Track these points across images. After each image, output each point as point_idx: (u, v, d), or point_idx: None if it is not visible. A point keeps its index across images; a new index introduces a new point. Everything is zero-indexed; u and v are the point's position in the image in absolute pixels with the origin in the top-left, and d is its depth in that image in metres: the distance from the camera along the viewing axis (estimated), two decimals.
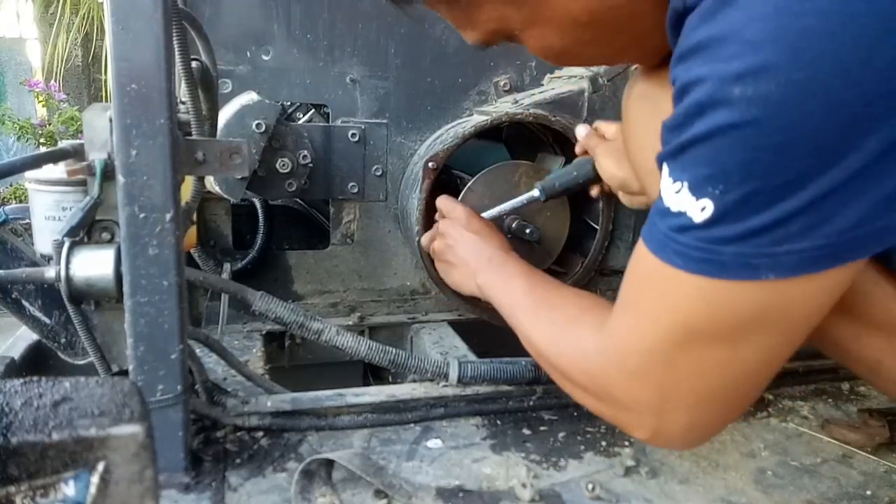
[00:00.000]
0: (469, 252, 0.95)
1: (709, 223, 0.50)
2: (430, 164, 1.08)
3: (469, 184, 1.11)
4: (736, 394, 0.59)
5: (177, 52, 0.69)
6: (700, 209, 0.50)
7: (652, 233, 0.56)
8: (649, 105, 0.73)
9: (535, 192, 1.04)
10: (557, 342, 0.71)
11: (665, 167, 0.53)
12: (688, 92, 0.49)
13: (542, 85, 1.23)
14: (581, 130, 1.03)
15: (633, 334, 0.59)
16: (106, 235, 0.71)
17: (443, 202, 1.05)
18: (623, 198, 0.97)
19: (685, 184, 0.51)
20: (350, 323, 1.22)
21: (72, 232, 0.67)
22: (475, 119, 1.14)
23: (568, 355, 0.69)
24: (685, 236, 0.52)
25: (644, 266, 0.57)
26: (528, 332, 0.77)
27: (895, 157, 0.45)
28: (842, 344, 0.64)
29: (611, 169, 0.95)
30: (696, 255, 0.52)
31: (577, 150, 1.05)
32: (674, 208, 0.52)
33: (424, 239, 1.07)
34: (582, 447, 0.83)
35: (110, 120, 0.63)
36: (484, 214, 1.05)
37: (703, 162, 0.49)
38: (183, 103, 0.76)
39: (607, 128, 1.00)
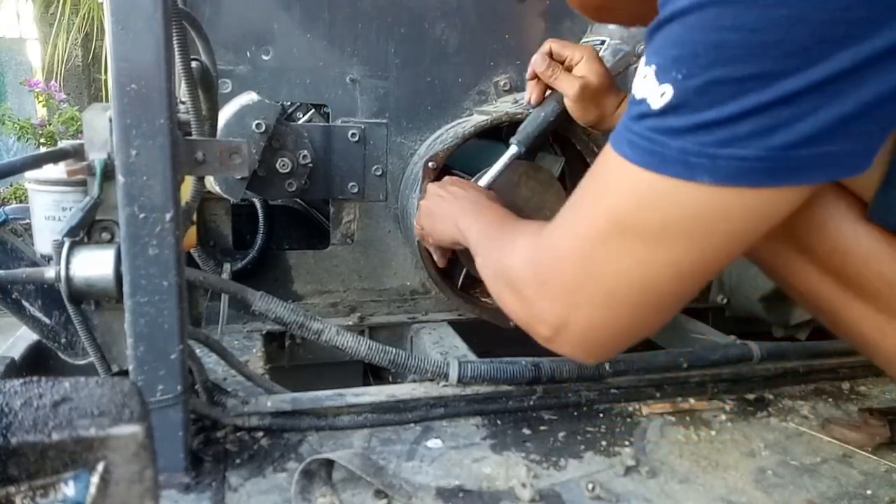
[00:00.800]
0: (451, 202, 0.95)
1: (664, 110, 0.48)
2: (430, 164, 1.08)
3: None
4: (644, 299, 0.56)
5: (177, 52, 0.69)
6: (660, 94, 0.48)
7: (616, 128, 0.54)
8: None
9: (514, 148, 1.04)
10: (500, 259, 0.70)
11: (644, 58, 0.52)
12: None
13: None
14: (538, 61, 1.00)
15: (565, 222, 0.59)
16: (106, 235, 0.71)
17: (430, 185, 1.05)
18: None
19: (653, 67, 0.49)
20: (350, 323, 1.22)
21: (72, 232, 0.67)
22: (475, 119, 1.14)
23: (499, 250, 0.70)
24: (640, 125, 0.50)
25: (600, 159, 0.56)
26: (480, 259, 0.78)
27: (859, 78, 0.44)
28: (848, 325, 0.62)
29: (575, 95, 0.96)
30: (643, 144, 0.50)
31: (530, 74, 1.03)
32: (638, 95, 0.51)
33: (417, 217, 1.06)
34: (582, 447, 0.83)
35: (110, 120, 0.63)
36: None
37: (674, 41, 0.47)
38: (183, 103, 0.76)
39: (566, 51, 0.99)
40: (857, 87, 0.44)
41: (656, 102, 0.48)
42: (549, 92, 1.03)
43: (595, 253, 0.55)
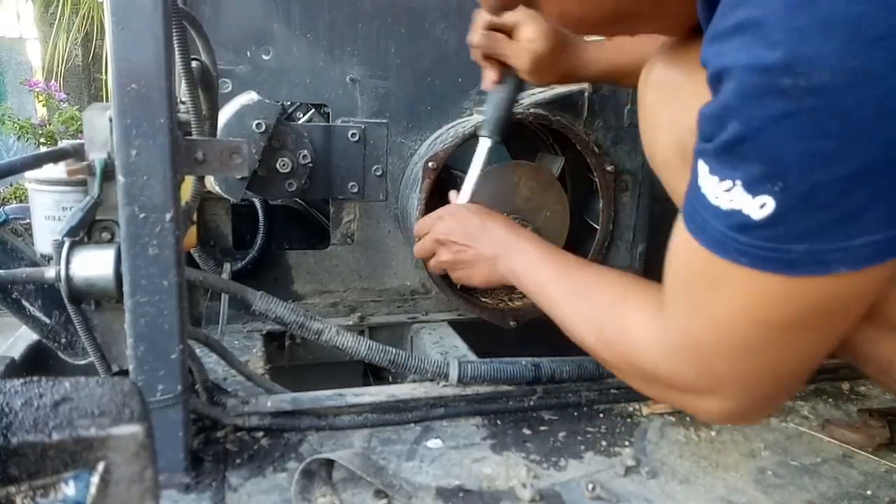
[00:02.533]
0: (481, 245, 0.90)
1: (771, 221, 0.47)
2: (430, 164, 1.08)
3: None
4: (786, 380, 0.60)
5: (177, 52, 0.69)
6: (759, 206, 0.47)
7: (704, 229, 0.53)
8: (667, 93, 0.70)
9: (486, 141, 0.98)
10: (603, 330, 0.69)
11: (703, 164, 0.51)
12: (725, 79, 0.47)
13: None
14: (477, 38, 0.95)
15: (704, 331, 0.58)
16: (106, 235, 0.71)
17: (421, 223, 0.99)
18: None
19: (738, 182, 0.48)
20: (350, 323, 1.22)
21: (72, 232, 0.67)
22: (475, 119, 1.14)
23: (620, 345, 0.67)
24: (746, 235, 0.49)
25: (700, 263, 0.55)
26: (568, 320, 0.74)
27: None
28: (853, 343, 0.64)
29: (527, 67, 0.92)
30: (763, 254, 0.49)
31: (476, 56, 0.97)
32: (725, 206, 0.50)
33: (431, 264, 0.99)
34: (582, 447, 0.83)
35: (110, 120, 0.63)
36: (459, 200, 1.00)
37: (757, 158, 0.46)
38: (183, 103, 0.76)
39: (508, 20, 0.93)
40: None
41: (757, 214, 0.48)
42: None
43: (751, 355, 0.57)
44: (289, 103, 1.29)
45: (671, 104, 0.69)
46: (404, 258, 1.26)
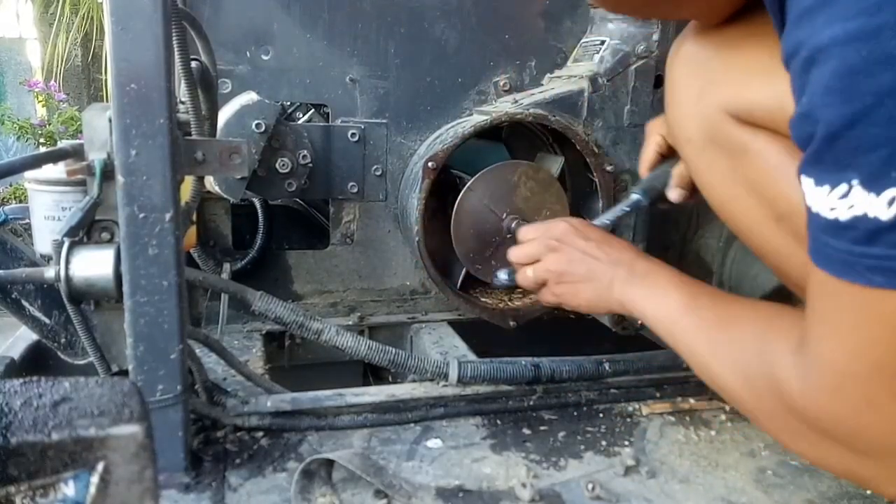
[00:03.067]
0: (599, 264, 0.80)
1: None
2: (429, 164, 1.08)
3: (469, 183, 1.10)
4: None
5: (176, 52, 0.69)
6: (887, 203, 0.40)
7: (826, 255, 0.46)
8: (697, 69, 0.67)
9: (636, 197, 0.92)
10: (745, 371, 0.59)
11: (807, 179, 0.45)
12: (818, 62, 0.41)
13: (542, 85, 1.22)
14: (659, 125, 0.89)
15: (849, 364, 0.48)
16: (106, 235, 0.71)
17: (527, 230, 0.90)
18: None
19: (854, 182, 0.41)
20: (350, 323, 1.22)
21: (71, 232, 0.67)
22: (475, 119, 1.14)
23: (764, 388, 0.56)
24: (878, 245, 0.42)
25: (833, 293, 0.47)
26: (700, 356, 0.65)
27: None
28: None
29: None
30: None
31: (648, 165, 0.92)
32: (844, 217, 0.42)
33: (531, 274, 0.87)
34: (582, 447, 0.83)
35: (110, 120, 0.63)
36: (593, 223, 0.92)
37: (873, 142, 0.39)
38: (182, 103, 0.76)
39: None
40: None
41: (886, 213, 0.40)
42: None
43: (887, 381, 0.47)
44: (288, 103, 1.29)
45: (700, 80, 0.66)
46: (404, 258, 1.26)
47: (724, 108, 0.65)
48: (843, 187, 0.42)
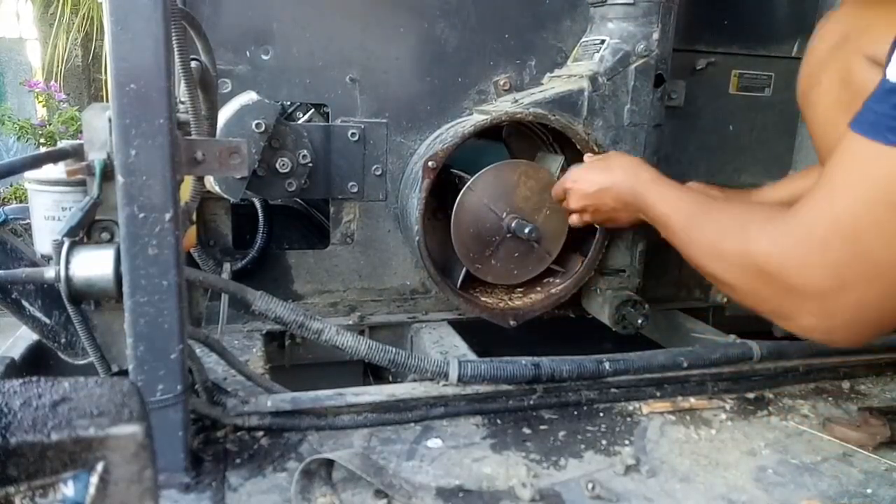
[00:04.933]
0: (625, 173, 0.98)
1: None
2: (429, 164, 1.08)
3: (468, 183, 1.10)
4: None
5: (176, 52, 0.68)
6: None
7: (863, 119, 0.54)
8: (842, 19, 0.71)
9: None
10: (722, 230, 0.71)
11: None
12: None
13: (542, 84, 1.22)
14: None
15: (819, 204, 0.57)
16: (105, 235, 0.71)
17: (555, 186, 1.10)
18: None
19: None
20: (350, 322, 1.22)
21: (71, 232, 0.67)
22: (475, 118, 1.14)
23: (733, 240, 0.68)
24: None
25: (852, 149, 0.55)
26: (689, 231, 0.77)
27: None
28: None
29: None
30: None
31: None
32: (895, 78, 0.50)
33: (570, 213, 1.10)
34: (582, 446, 0.83)
35: (110, 120, 0.63)
36: None
37: None
38: (182, 103, 0.76)
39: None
40: None
41: None
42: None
43: (862, 230, 0.55)
44: (288, 103, 1.29)
45: (836, 63, 0.70)
46: (404, 258, 1.26)
47: (863, 53, 0.69)
48: None
